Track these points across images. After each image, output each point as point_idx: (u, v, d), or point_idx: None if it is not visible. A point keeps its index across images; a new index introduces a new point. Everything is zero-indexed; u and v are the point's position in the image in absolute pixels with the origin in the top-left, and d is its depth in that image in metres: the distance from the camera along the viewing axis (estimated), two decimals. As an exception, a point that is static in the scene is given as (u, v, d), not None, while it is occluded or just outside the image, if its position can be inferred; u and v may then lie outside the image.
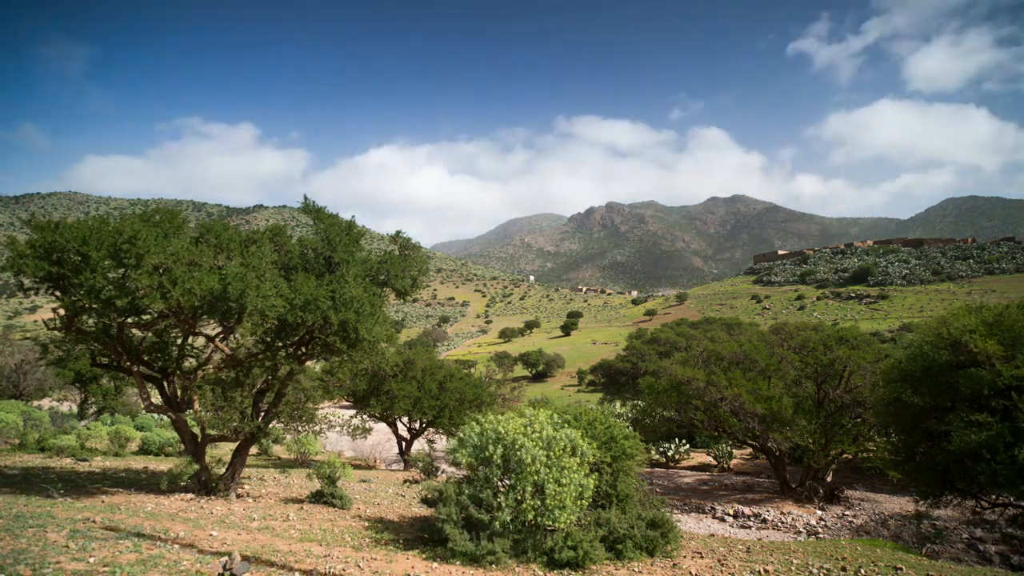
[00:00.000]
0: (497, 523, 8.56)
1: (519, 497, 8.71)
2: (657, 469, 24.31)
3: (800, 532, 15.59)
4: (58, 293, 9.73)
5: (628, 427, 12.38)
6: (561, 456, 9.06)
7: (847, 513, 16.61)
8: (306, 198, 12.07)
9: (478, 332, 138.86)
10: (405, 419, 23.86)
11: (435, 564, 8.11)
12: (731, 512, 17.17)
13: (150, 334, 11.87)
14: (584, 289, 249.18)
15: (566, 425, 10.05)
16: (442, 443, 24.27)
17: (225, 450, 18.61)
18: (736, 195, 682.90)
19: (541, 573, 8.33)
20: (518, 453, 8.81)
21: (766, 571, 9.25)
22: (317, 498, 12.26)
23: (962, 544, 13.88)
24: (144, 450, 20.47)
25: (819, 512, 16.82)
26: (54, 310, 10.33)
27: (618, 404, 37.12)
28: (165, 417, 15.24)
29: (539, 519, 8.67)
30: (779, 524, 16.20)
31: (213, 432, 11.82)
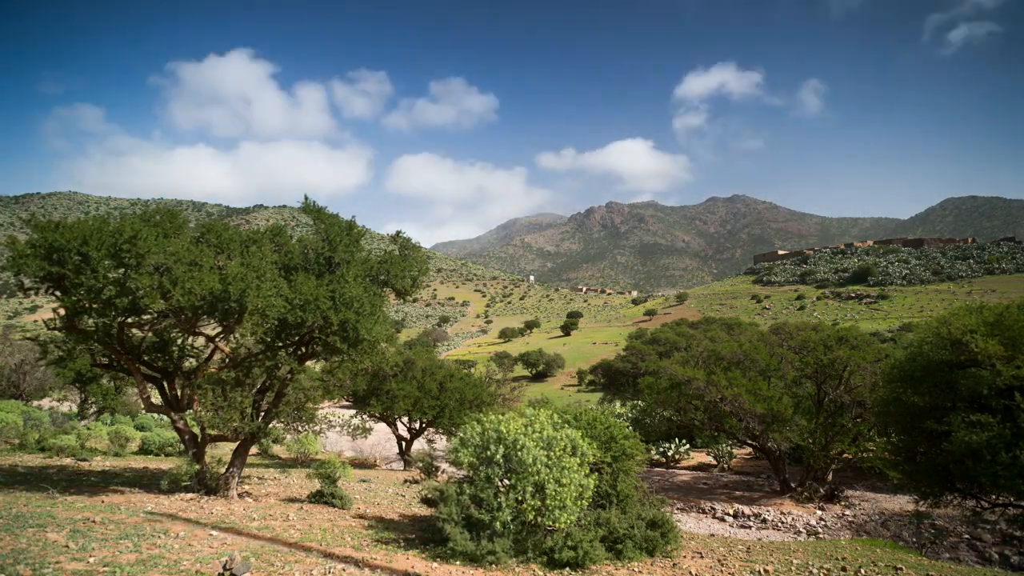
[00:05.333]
0: (498, 523, 8.55)
1: (520, 497, 8.70)
2: (657, 469, 24.31)
3: (800, 532, 15.60)
4: (58, 293, 9.72)
5: (628, 427, 12.39)
6: (561, 456, 9.06)
7: (847, 513, 16.61)
8: (306, 198, 12.07)
9: (478, 332, 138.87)
10: (405, 419, 23.85)
11: (435, 564, 8.11)
12: (731, 512, 17.17)
13: (150, 334, 11.87)
14: (584, 289, 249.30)
15: (566, 425, 10.05)
16: (442, 443, 24.26)
17: (225, 450, 18.61)
18: (736, 195, 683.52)
19: (541, 573, 8.33)
20: (519, 453, 8.81)
21: (766, 571, 9.25)
22: (317, 498, 12.26)
23: (962, 544, 13.89)
24: (144, 450, 20.47)
25: (819, 512, 16.82)
26: (54, 310, 10.32)
27: (618, 404, 37.12)
28: (165, 417, 15.27)
29: (539, 519, 8.67)
30: (779, 524, 16.20)
31: (213, 432, 11.82)
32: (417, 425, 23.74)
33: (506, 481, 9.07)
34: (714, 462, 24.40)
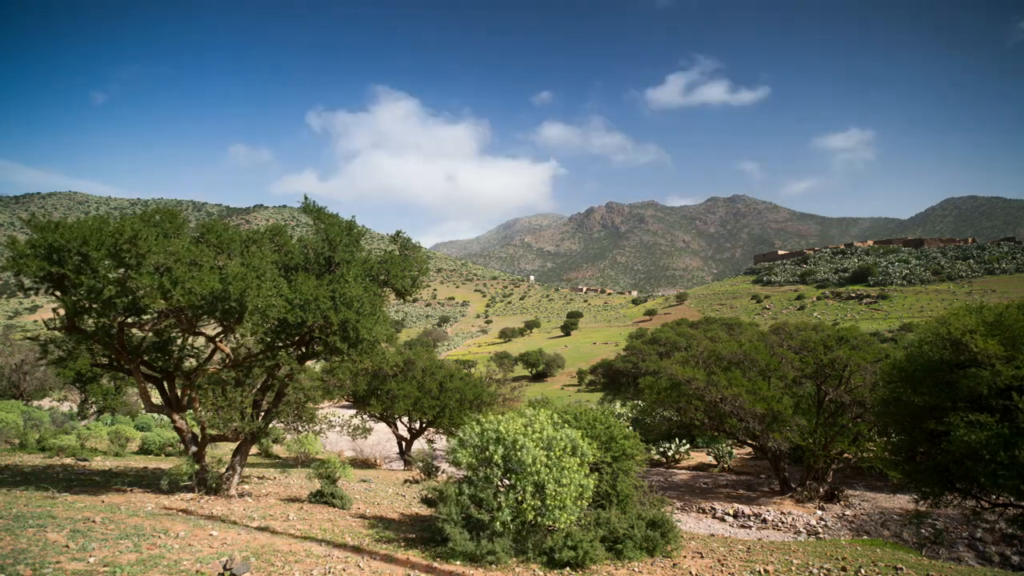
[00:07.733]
0: (497, 523, 8.56)
1: (519, 497, 8.71)
2: (657, 469, 24.31)
3: (800, 532, 15.60)
4: (58, 293, 9.73)
5: (628, 427, 12.39)
6: (561, 456, 9.06)
7: (847, 513, 16.62)
8: (306, 198, 12.08)
9: (478, 332, 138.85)
10: (405, 419, 23.87)
11: (435, 564, 8.12)
12: (731, 512, 17.17)
13: (150, 334, 11.88)
14: (584, 289, 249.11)
15: (566, 425, 10.06)
16: (442, 443, 24.29)
17: (225, 450, 18.62)
18: (736, 195, 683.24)
19: (541, 573, 8.33)
20: (519, 453, 8.81)
21: (766, 571, 9.25)
22: (317, 498, 12.26)
23: (962, 544, 13.90)
24: (144, 450, 20.48)
25: (819, 512, 16.83)
26: (54, 310, 10.33)
27: (618, 404, 37.12)
28: (165, 417, 15.31)
29: (539, 519, 8.67)
30: (779, 524, 16.21)
31: (213, 432, 11.83)
32: (417, 425, 23.75)
33: (506, 481, 9.07)
34: (714, 462, 24.41)
